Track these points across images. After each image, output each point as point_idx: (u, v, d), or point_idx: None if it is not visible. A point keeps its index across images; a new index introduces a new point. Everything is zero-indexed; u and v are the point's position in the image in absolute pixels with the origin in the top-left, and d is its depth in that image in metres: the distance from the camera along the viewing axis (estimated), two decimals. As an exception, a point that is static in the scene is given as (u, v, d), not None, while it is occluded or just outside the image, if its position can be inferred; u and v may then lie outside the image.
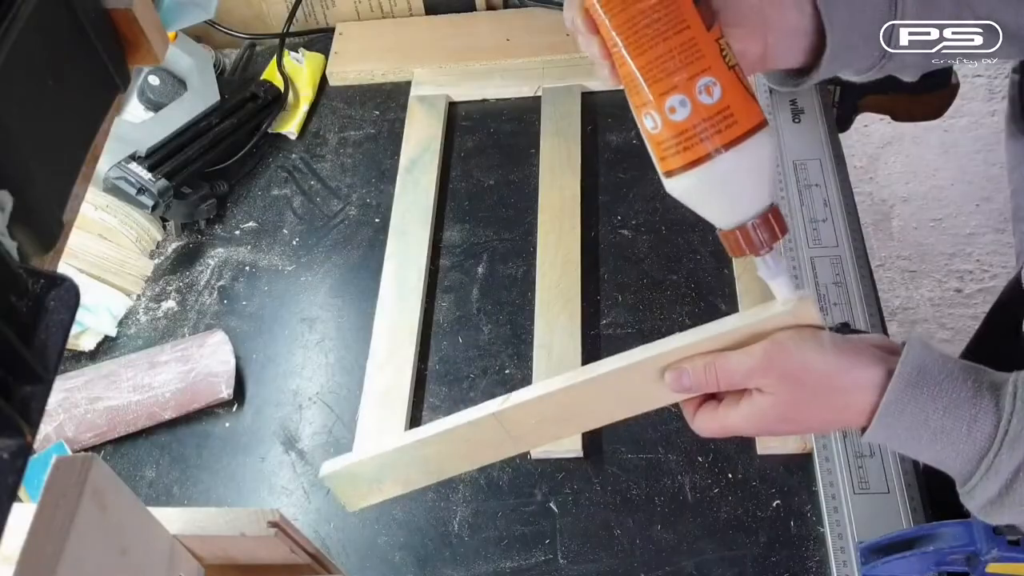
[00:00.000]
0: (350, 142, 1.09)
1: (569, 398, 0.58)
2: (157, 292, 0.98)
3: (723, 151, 0.49)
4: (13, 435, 0.29)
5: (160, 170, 0.95)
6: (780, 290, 0.53)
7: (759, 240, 0.51)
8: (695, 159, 0.50)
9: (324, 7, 1.20)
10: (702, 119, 0.49)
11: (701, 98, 0.49)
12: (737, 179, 0.50)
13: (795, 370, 0.51)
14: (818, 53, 0.60)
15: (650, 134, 0.52)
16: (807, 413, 0.52)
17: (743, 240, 0.52)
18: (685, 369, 0.54)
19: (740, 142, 0.49)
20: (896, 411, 0.49)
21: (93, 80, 0.41)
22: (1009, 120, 0.93)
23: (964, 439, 0.48)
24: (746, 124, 0.49)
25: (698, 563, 0.72)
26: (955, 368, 0.49)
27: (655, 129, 0.51)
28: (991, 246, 1.98)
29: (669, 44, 0.49)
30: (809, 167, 0.93)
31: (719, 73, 0.49)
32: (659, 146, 0.51)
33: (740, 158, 0.49)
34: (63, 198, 0.38)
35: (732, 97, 0.49)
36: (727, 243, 0.53)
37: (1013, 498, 0.47)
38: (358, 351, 0.89)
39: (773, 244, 0.52)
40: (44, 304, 0.31)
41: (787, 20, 0.59)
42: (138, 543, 0.44)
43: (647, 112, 0.51)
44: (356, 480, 0.65)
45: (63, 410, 0.83)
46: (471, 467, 0.65)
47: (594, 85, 1.06)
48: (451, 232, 0.98)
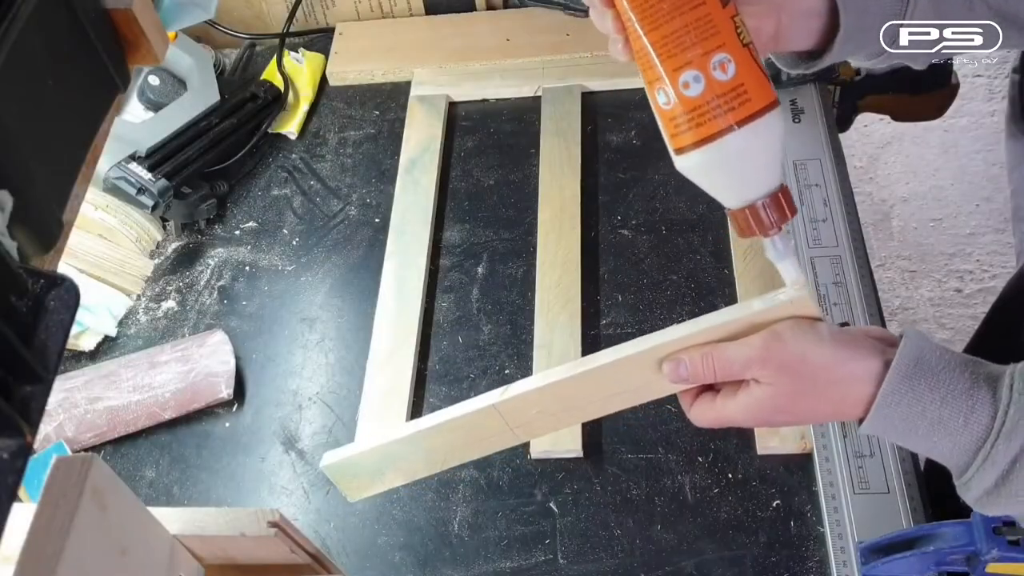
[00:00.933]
0: (350, 142, 1.09)
1: (568, 389, 0.58)
2: (157, 292, 0.98)
3: (736, 128, 0.49)
4: (13, 435, 0.29)
5: (160, 170, 0.95)
6: (788, 272, 0.53)
7: (769, 220, 0.51)
8: (708, 135, 0.49)
9: (324, 7, 1.20)
10: (716, 95, 0.49)
11: (715, 74, 0.49)
12: (749, 157, 0.50)
13: (793, 361, 0.51)
14: (831, 35, 0.60)
15: (662, 110, 0.51)
16: (804, 404, 0.52)
17: (752, 219, 0.51)
18: (683, 359, 0.54)
19: (753, 119, 0.49)
20: (893, 402, 0.49)
21: (93, 80, 0.41)
22: (1009, 120, 0.93)
23: (961, 430, 0.48)
24: (759, 102, 0.49)
25: (698, 563, 0.72)
26: (952, 360, 0.49)
27: (667, 105, 0.50)
28: (991, 246, 1.98)
29: (684, 19, 0.49)
30: (809, 167, 0.93)
31: (734, 50, 0.49)
32: (671, 122, 0.51)
33: (753, 136, 0.49)
34: (63, 198, 0.38)
35: (746, 74, 0.49)
36: (735, 223, 0.53)
37: (1009, 489, 0.47)
38: (358, 351, 0.89)
39: (782, 224, 0.52)
40: (44, 304, 0.31)
41: (802, 0, 0.59)
42: (138, 543, 0.44)
43: (660, 87, 0.50)
44: (357, 471, 0.65)
45: (63, 410, 0.83)
46: (472, 457, 0.65)
47: (594, 85, 1.06)
48: (451, 232, 0.98)
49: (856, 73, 1.04)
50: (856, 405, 0.51)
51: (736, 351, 0.52)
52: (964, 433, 0.48)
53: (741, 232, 0.53)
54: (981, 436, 0.48)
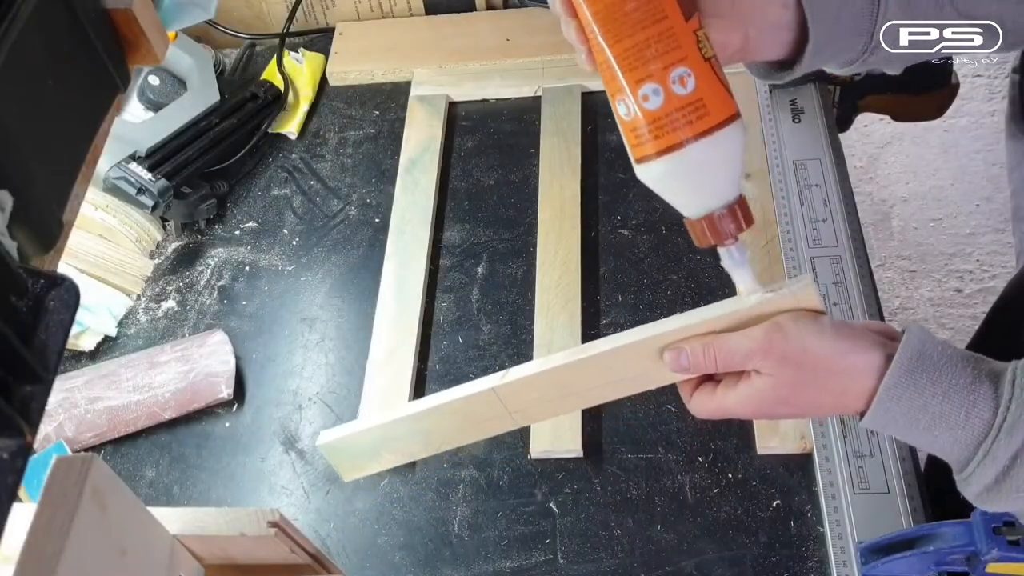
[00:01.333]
0: (350, 142, 1.09)
1: (568, 375, 0.58)
2: (157, 292, 0.98)
3: (693, 141, 0.50)
4: (13, 435, 0.29)
5: (160, 170, 0.95)
6: (742, 281, 0.54)
7: (725, 231, 0.52)
8: (666, 147, 0.51)
9: (324, 7, 1.20)
10: (675, 108, 0.50)
11: (675, 88, 0.50)
12: (706, 169, 0.51)
13: (794, 352, 0.51)
14: (801, 47, 0.59)
15: (624, 121, 0.52)
16: (805, 396, 0.52)
17: (708, 229, 0.53)
18: (684, 349, 0.54)
19: (711, 133, 0.50)
20: (895, 396, 0.49)
21: (93, 80, 0.41)
22: (1009, 120, 0.93)
23: (962, 425, 0.48)
24: (718, 116, 0.50)
25: (698, 563, 0.72)
26: (954, 355, 0.49)
27: (628, 116, 0.52)
28: (991, 246, 1.98)
29: (646, 33, 0.49)
30: (809, 167, 0.93)
31: (694, 64, 0.50)
32: (632, 133, 0.52)
33: (710, 149, 0.50)
34: (63, 198, 0.38)
35: (706, 88, 0.50)
36: (693, 232, 0.54)
37: (1010, 485, 0.47)
38: (358, 351, 0.89)
39: (738, 235, 0.53)
40: (44, 304, 0.31)
41: (768, 15, 0.59)
42: (138, 543, 0.44)
43: (621, 99, 0.51)
44: (354, 451, 0.65)
45: (63, 410, 0.83)
46: (469, 440, 0.65)
47: (594, 85, 1.06)
48: (451, 232, 0.98)
49: (856, 73, 1.04)
50: (858, 398, 0.51)
51: (738, 342, 0.52)
52: (965, 428, 0.48)
53: (698, 241, 0.54)
54: (982, 431, 0.48)
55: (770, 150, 0.96)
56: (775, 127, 0.97)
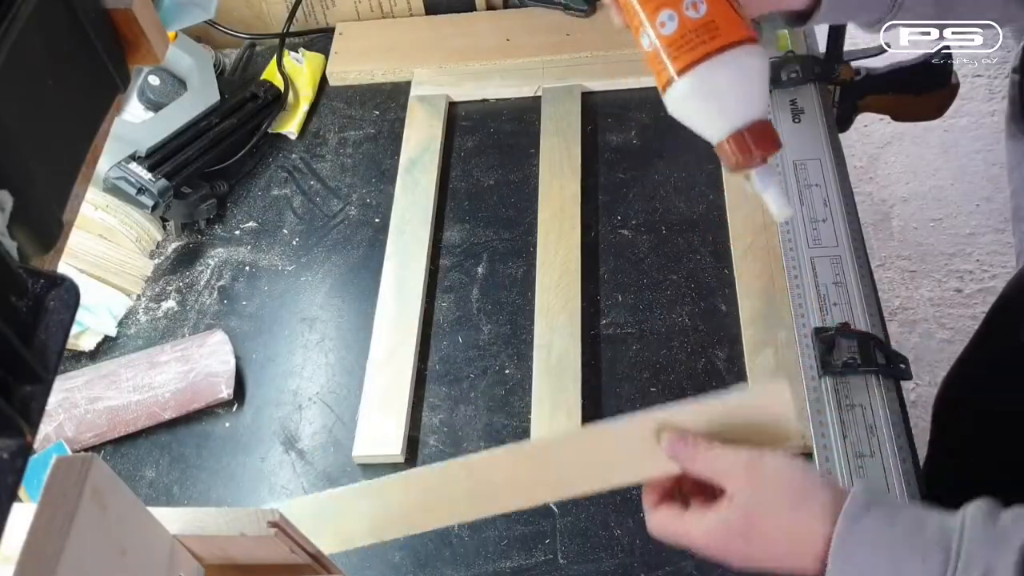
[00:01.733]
0: (350, 142, 1.09)
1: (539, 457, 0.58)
2: (157, 292, 0.98)
3: (706, 59, 0.54)
4: (13, 435, 0.29)
5: (160, 170, 0.95)
6: (773, 201, 0.56)
7: (750, 148, 0.55)
8: (682, 67, 0.54)
9: (324, 7, 1.20)
10: (689, 31, 0.54)
11: (688, 13, 0.54)
12: (724, 87, 0.54)
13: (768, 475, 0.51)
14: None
15: (648, 53, 0.56)
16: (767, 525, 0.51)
17: (735, 147, 0.55)
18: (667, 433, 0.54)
19: (724, 51, 0.53)
20: (846, 556, 0.48)
21: (93, 80, 0.41)
22: (1009, 120, 0.93)
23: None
24: (730, 36, 0.54)
25: (698, 563, 0.72)
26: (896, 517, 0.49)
27: (650, 48, 0.56)
28: (991, 246, 1.98)
29: None
30: (809, 167, 0.93)
31: None
32: (655, 62, 0.56)
33: (722, 66, 0.53)
34: (63, 198, 0.38)
35: (717, 12, 0.54)
36: (722, 155, 0.56)
37: None
38: (358, 351, 0.89)
39: (766, 155, 0.55)
40: (44, 304, 0.32)
41: None
42: (138, 543, 0.44)
43: (643, 32, 0.56)
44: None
45: (63, 410, 0.83)
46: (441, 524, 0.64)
47: (594, 85, 1.06)
48: (451, 232, 0.98)
49: (856, 73, 1.04)
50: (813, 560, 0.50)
51: (723, 450, 0.52)
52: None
53: (727, 163, 0.56)
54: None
55: (770, 150, 0.96)
56: (775, 127, 0.97)
